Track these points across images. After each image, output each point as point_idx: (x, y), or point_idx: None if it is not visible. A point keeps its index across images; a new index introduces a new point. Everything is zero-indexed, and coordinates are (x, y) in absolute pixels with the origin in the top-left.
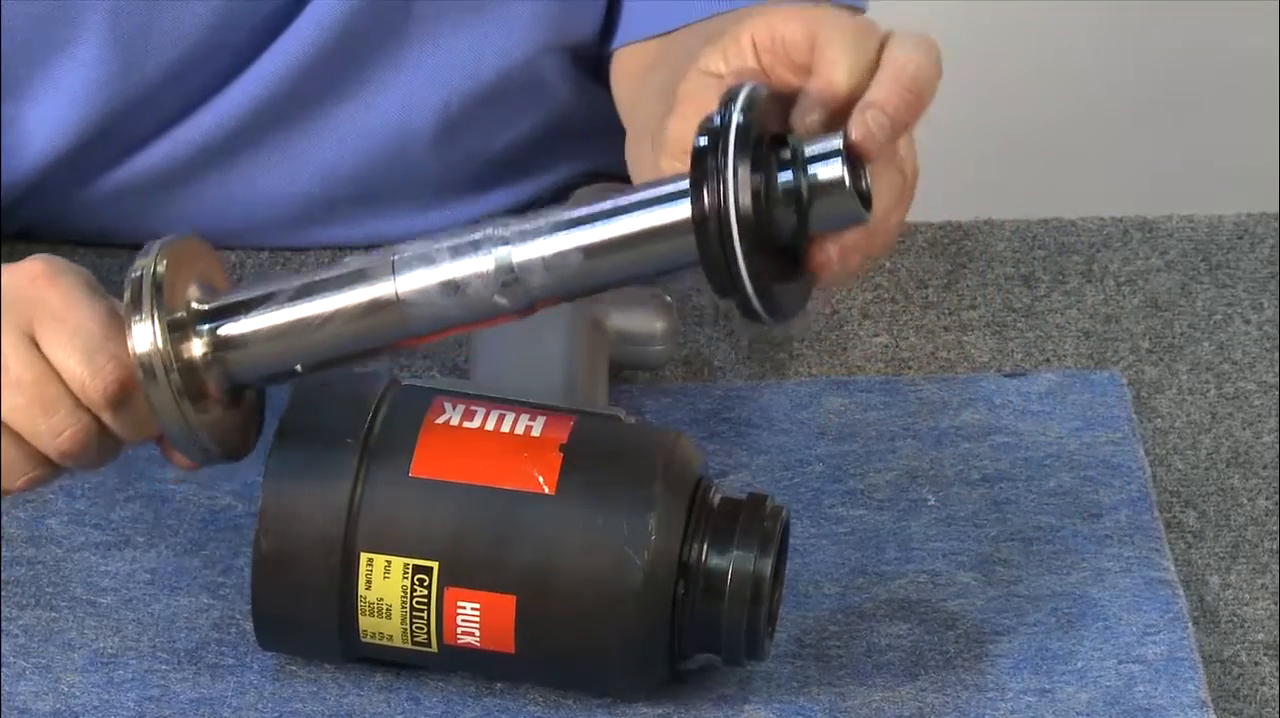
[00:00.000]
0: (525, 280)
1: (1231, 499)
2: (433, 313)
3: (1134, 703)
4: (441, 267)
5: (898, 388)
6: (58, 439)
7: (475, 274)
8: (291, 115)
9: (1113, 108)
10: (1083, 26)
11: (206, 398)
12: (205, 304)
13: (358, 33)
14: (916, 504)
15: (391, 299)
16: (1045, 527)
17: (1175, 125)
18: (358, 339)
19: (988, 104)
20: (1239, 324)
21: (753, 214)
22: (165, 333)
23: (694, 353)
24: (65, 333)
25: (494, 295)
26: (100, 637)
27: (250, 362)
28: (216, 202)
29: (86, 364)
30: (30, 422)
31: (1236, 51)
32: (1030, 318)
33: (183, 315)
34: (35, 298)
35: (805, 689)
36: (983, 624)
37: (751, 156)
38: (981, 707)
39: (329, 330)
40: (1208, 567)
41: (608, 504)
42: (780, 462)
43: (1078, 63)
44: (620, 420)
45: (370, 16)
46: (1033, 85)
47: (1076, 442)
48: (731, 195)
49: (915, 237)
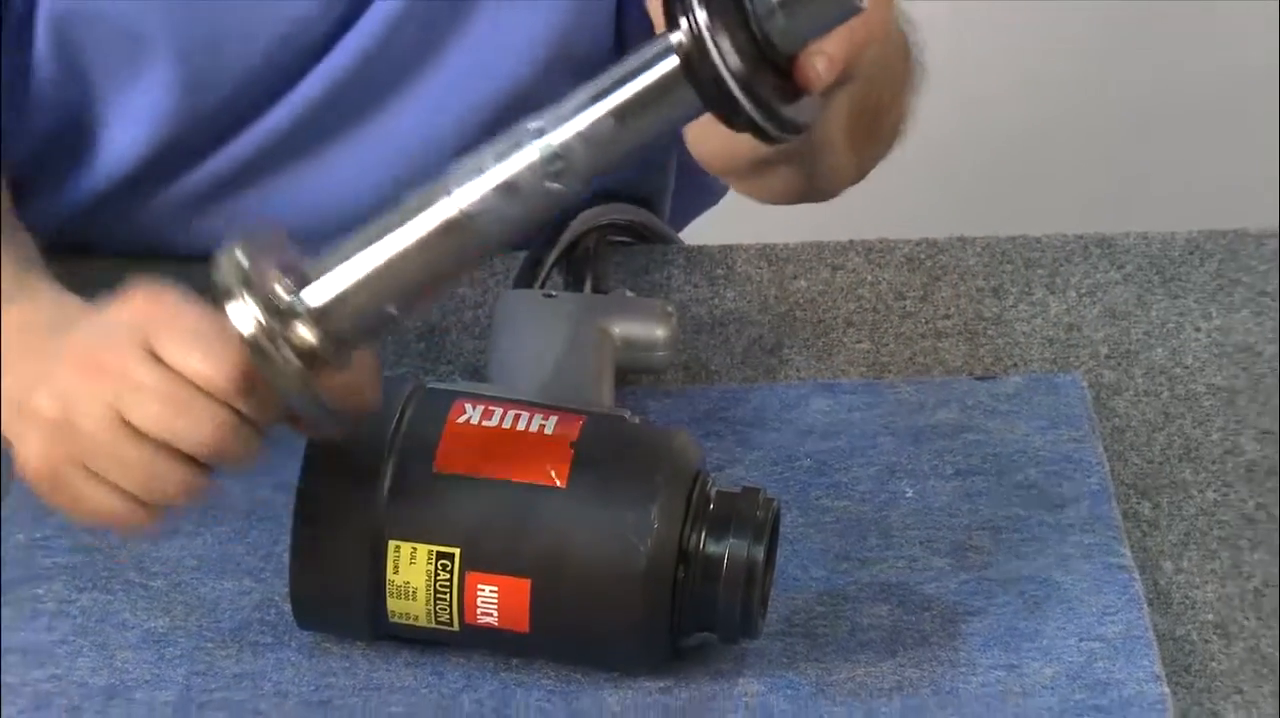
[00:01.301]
0: (570, 160)
1: (1183, 492)
2: (498, 218)
3: (1094, 677)
4: (492, 172)
5: (878, 390)
6: (199, 436)
7: (525, 168)
8: (330, 128)
9: (1074, 134)
10: (1047, 61)
11: (319, 363)
12: (290, 278)
13: (391, 51)
14: (895, 496)
15: (457, 217)
16: (1013, 517)
17: (1132, 150)
18: (437, 265)
19: (961, 131)
20: (1190, 332)
21: (727, 33)
22: (263, 311)
23: (693, 358)
24: (181, 337)
25: (546, 183)
26: (151, 617)
27: (346, 317)
28: (257, 213)
29: (207, 358)
30: (169, 425)
31: (1189, 80)
32: (999, 326)
33: (274, 294)
34: (146, 317)
35: (794, 665)
36: (956, 606)
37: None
38: (955, 681)
39: (408, 265)
40: (1161, 553)
41: (614, 496)
42: (771, 457)
43: (1044, 92)
44: (626, 420)
45: (408, 32)
46: (1001, 114)
47: (1041, 439)
48: (703, 21)
49: (894, 253)
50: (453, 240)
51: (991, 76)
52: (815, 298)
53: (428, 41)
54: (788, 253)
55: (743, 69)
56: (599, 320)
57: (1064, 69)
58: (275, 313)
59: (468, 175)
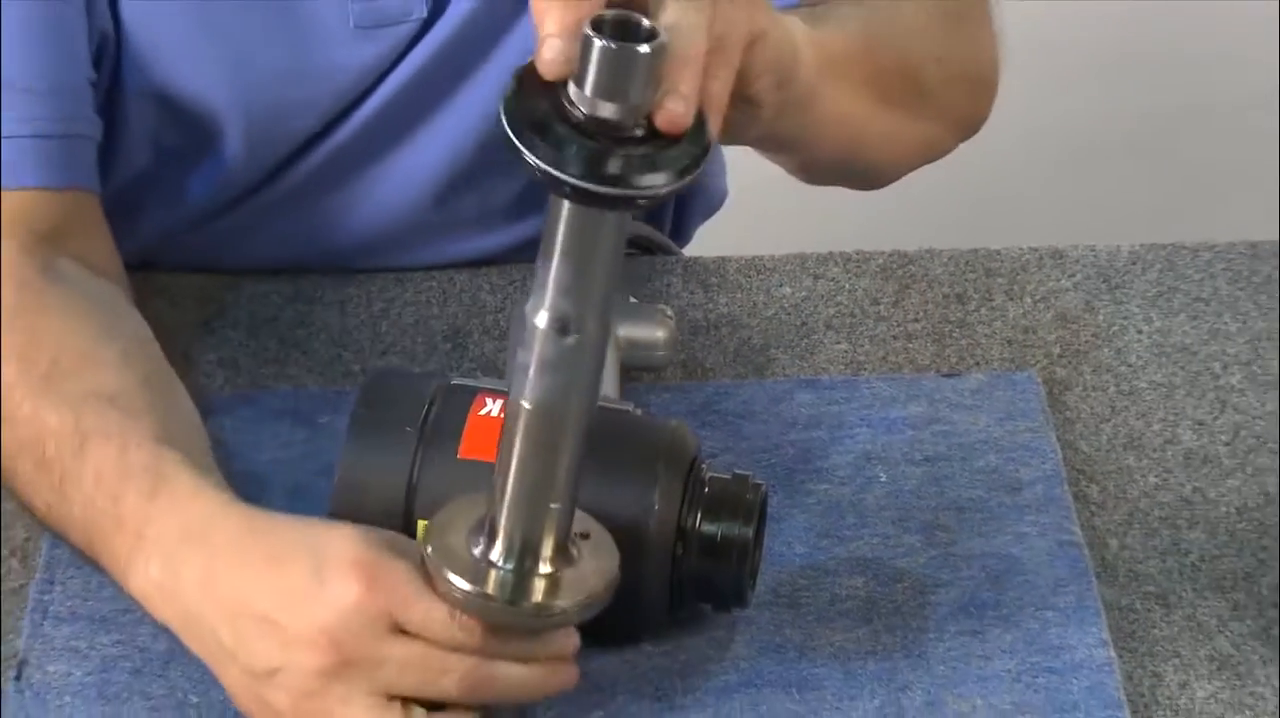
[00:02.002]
0: (564, 310)
1: (1127, 477)
2: (557, 387)
3: (1048, 643)
4: (527, 363)
5: (855, 386)
6: (457, 681)
7: (545, 343)
8: (372, 151)
9: (1030, 161)
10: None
11: (538, 579)
12: (476, 534)
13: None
14: (870, 480)
15: (531, 411)
16: (976, 498)
17: (1080, 173)
18: (549, 454)
19: None
20: (1133, 334)
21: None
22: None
23: (690, 357)
24: (419, 618)
25: (565, 340)
26: None
27: (524, 534)
28: (310, 227)
29: (447, 627)
30: (431, 683)
31: (1133, 112)
32: (963, 329)
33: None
34: (377, 602)
35: (780, 631)
36: (925, 578)
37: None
38: (924, 646)
39: (536, 467)
40: (1108, 532)
41: (620, 481)
42: (760, 446)
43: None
44: (630, 412)
45: (455, 52)
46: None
47: (1000, 429)
48: (538, 161)
49: (869, 263)
50: (544, 426)
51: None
52: (799, 303)
53: (459, 69)
54: (774, 263)
55: (604, 173)
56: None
57: (1019, 105)
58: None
59: (518, 380)
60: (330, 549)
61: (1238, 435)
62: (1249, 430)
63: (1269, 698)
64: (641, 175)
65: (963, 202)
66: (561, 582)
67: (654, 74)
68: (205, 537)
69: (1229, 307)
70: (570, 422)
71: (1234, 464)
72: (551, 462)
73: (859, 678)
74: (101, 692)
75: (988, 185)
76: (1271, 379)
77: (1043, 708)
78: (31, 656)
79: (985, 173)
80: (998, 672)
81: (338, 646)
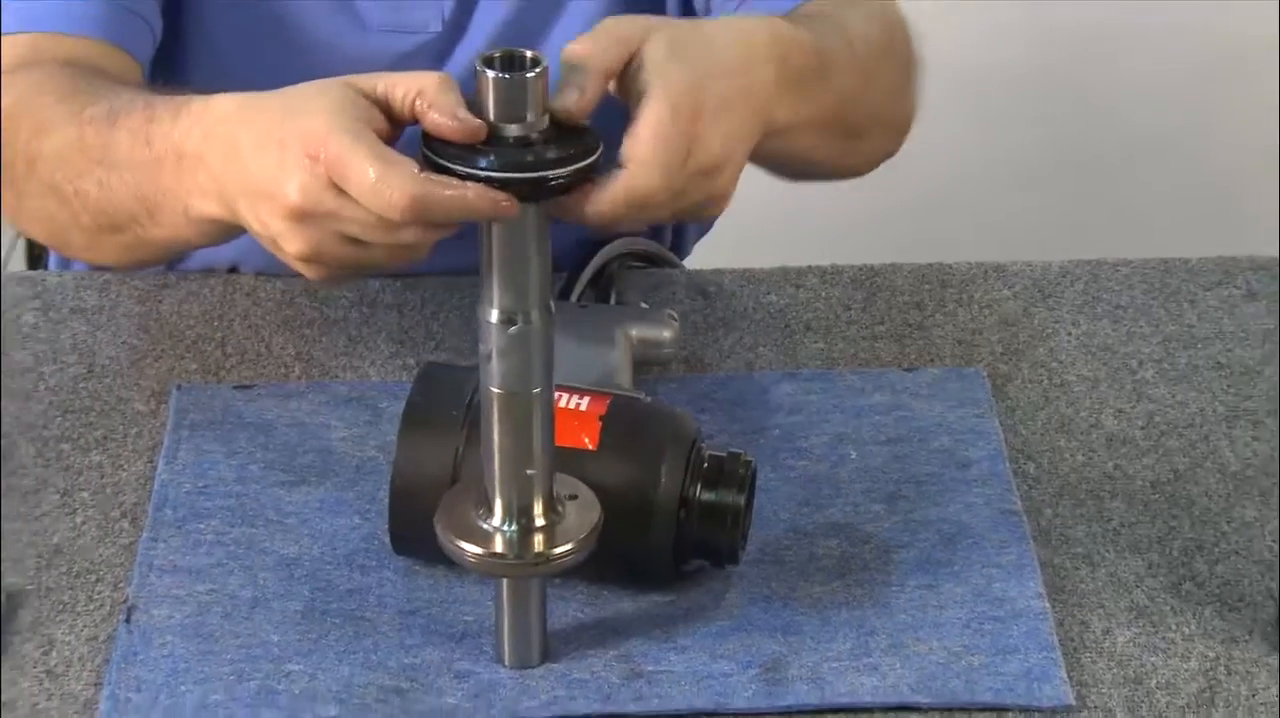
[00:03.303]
0: (506, 306)
1: (1059, 456)
2: (513, 370)
3: (993, 594)
4: (486, 355)
5: (830, 378)
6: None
7: (495, 335)
8: None
9: (976, 188)
10: (959, 131)
11: (535, 534)
12: (478, 507)
13: None
14: (843, 458)
15: (500, 394)
16: (931, 473)
17: (1018, 200)
18: (519, 431)
19: (892, 182)
20: (1064, 336)
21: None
22: (477, 536)
23: (692, 354)
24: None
25: (511, 329)
26: (285, 546)
27: (513, 499)
28: None
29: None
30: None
31: (1064, 147)
32: (921, 331)
33: (475, 521)
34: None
35: (768, 584)
36: (888, 540)
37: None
38: (888, 597)
39: (508, 444)
40: (1043, 502)
41: (632, 457)
42: (750, 428)
43: (953, 155)
44: (641, 399)
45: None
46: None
47: (953, 415)
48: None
49: (841, 275)
50: (510, 405)
51: (916, 134)
52: (783, 309)
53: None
54: (762, 274)
55: (513, 163)
56: (620, 325)
57: (969, 141)
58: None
59: (484, 370)
60: (296, 129)
61: (1151, 421)
62: (1161, 417)
63: (1178, 643)
64: (543, 163)
65: (921, 224)
66: (555, 533)
67: (542, 95)
68: (217, 134)
69: (1144, 313)
70: (532, 398)
71: (1148, 445)
72: (524, 435)
73: (833, 624)
74: (197, 632)
75: (941, 210)
76: (1179, 374)
77: (988, 650)
78: (139, 602)
79: (939, 199)
80: (950, 619)
81: (299, 202)
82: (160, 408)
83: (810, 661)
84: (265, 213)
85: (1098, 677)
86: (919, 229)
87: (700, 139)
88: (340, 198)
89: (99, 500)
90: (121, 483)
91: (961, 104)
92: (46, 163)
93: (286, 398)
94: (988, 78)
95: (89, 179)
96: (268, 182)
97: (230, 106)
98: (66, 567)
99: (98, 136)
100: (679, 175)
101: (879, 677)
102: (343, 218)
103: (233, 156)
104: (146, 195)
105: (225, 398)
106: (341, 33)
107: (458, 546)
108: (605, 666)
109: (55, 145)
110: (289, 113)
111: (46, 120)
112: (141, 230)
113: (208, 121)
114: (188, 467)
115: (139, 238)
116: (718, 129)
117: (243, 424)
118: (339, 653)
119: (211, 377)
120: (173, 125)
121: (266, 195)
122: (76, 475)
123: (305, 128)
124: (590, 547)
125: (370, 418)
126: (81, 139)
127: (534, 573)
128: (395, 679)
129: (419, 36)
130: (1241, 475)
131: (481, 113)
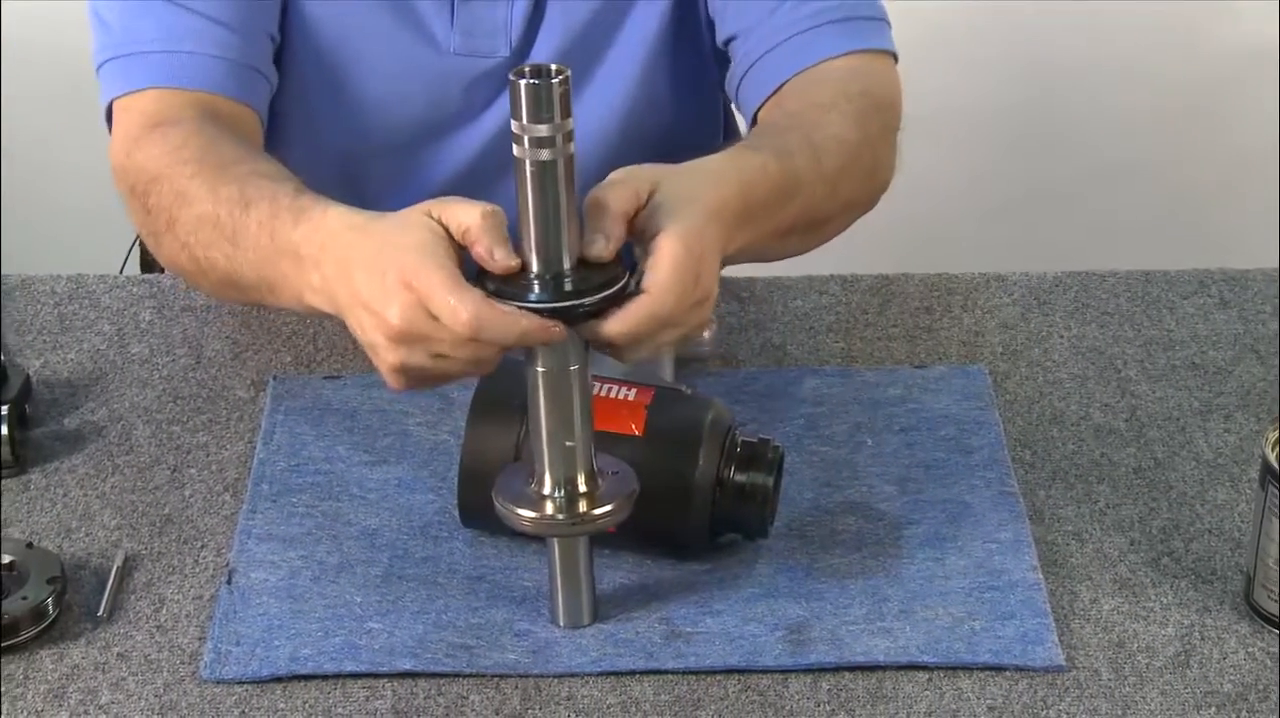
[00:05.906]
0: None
1: (1051, 444)
2: (555, 355)
3: (993, 567)
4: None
5: (849, 374)
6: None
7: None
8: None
9: (980, 207)
10: (965, 158)
11: (580, 499)
12: (529, 479)
13: None
14: (860, 445)
15: (542, 372)
16: (939, 458)
17: (1017, 218)
18: (562, 408)
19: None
20: (1057, 339)
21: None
22: (532, 504)
23: (728, 351)
24: (438, 306)
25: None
26: (367, 518)
27: (558, 469)
28: None
29: (451, 310)
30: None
31: (1055, 171)
32: (930, 333)
33: (528, 491)
34: (413, 296)
35: (793, 556)
36: (900, 518)
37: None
38: (899, 568)
39: (551, 418)
40: (1038, 484)
41: (674, 442)
42: (778, 418)
43: (959, 179)
44: (682, 392)
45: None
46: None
47: (958, 408)
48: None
49: (860, 283)
50: (551, 384)
51: (917, 147)
52: (808, 312)
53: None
54: (789, 282)
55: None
56: None
57: (974, 168)
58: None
59: (529, 354)
60: (394, 261)
61: (1134, 415)
62: (1143, 411)
63: (1158, 611)
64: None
65: (930, 238)
66: (597, 498)
67: (566, 98)
68: (331, 248)
69: (1128, 319)
70: (571, 378)
71: (1131, 436)
72: (566, 410)
73: (851, 592)
74: (290, 593)
75: (949, 226)
76: (1159, 373)
77: (988, 616)
78: (239, 566)
79: (947, 216)
80: (954, 588)
81: (399, 324)
82: (259, 395)
83: (830, 624)
84: (369, 326)
85: (1085, 641)
86: (929, 242)
87: (701, 275)
88: (432, 321)
89: (205, 476)
90: (224, 461)
91: (968, 134)
92: (183, 227)
93: (370, 388)
94: (991, 111)
95: (217, 250)
96: (373, 300)
97: (340, 225)
98: (176, 534)
99: (229, 218)
100: (687, 304)
101: (891, 639)
102: (433, 339)
103: (344, 273)
104: (266, 277)
105: (316, 387)
106: (421, 58)
107: (512, 511)
108: (648, 627)
109: (192, 215)
110: (388, 246)
111: (185, 190)
112: (259, 297)
113: (323, 234)
114: (282, 447)
115: (257, 300)
116: (711, 267)
117: (331, 410)
118: (414, 613)
119: (304, 368)
120: (293, 229)
121: (371, 312)
122: (185, 454)
123: (401, 262)
124: (627, 510)
125: (442, 406)
126: (215, 217)
127: (577, 532)
128: (463, 637)
129: (489, 60)
130: (1214, 463)
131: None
